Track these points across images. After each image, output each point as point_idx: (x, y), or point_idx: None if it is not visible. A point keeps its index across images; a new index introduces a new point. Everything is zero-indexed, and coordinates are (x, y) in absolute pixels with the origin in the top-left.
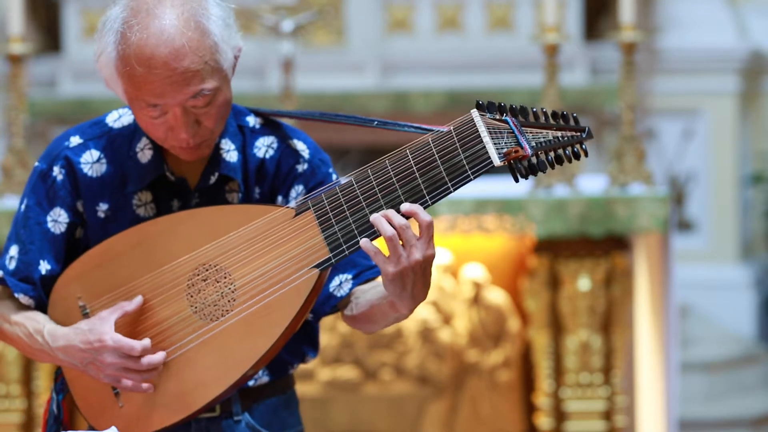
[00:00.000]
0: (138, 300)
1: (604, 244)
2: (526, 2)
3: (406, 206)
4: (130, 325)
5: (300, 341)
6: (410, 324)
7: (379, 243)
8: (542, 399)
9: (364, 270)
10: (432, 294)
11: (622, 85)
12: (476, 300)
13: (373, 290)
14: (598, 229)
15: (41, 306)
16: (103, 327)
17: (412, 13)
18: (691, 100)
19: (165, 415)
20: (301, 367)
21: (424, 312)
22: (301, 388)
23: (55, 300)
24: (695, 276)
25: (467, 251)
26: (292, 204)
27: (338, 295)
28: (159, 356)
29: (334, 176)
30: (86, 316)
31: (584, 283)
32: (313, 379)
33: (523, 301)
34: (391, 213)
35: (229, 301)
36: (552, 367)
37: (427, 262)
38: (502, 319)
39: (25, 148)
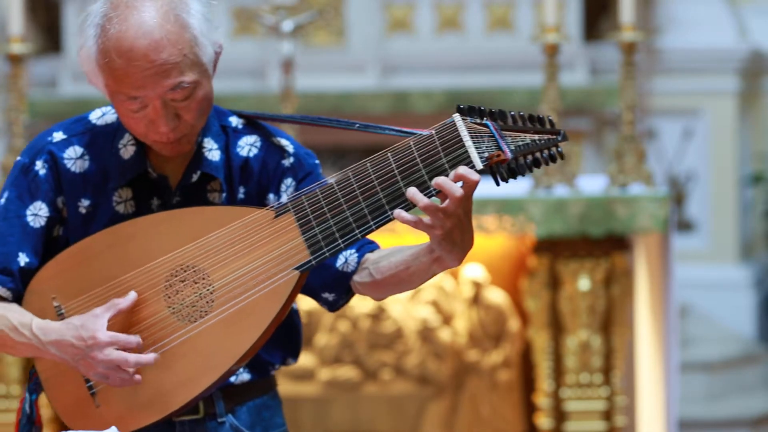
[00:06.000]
0: (132, 296)
1: (604, 244)
2: (526, 2)
3: (461, 170)
4: (110, 326)
5: (281, 345)
6: (410, 324)
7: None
8: (542, 399)
9: (365, 244)
10: (432, 294)
11: (622, 85)
12: (476, 300)
13: (397, 253)
14: (598, 229)
15: (18, 300)
16: (96, 324)
17: (412, 13)
18: (691, 100)
19: (142, 416)
20: (301, 367)
21: (424, 312)
22: (301, 388)
23: (30, 299)
24: (695, 276)
25: None
26: (276, 204)
27: (349, 270)
28: (150, 357)
29: (320, 168)
30: (61, 317)
31: (584, 283)
32: (313, 379)
33: (523, 301)
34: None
35: (207, 302)
36: (552, 367)
37: (467, 213)
38: (502, 319)
39: None
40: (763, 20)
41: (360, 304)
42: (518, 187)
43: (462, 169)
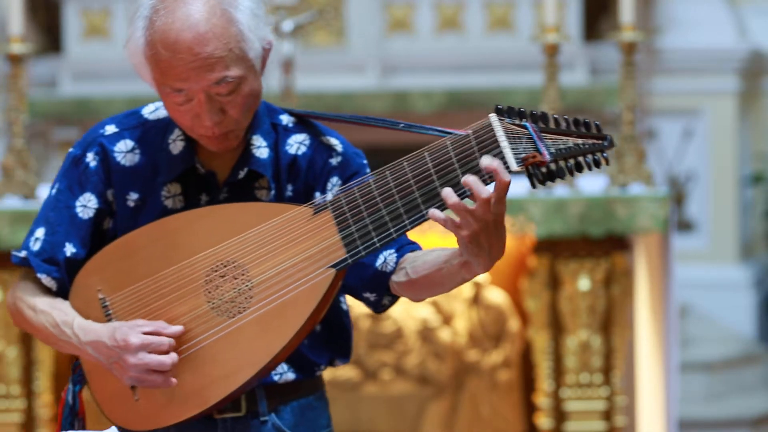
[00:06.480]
0: (177, 329)
1: (604, 244)
2: (526, 2)
3: (486, 161)
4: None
5: (328, 346)
6: (410, 324)
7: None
8: (542, 399)
9: (405, 244)
10: None
11: (622, 85)
12: (476, 300)
13: (433, 254)
14: (598, 229)
15: (63, 290)
16: (132, 329)
17: (412, 13)
18: (691, 100)
19: (180, 410)
20: None
21: (424, 312)
22: None
23: (76, 292)
24: (695, 276)
25: None
26: (315, 201)
27: (388, 270)
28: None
29: (367, 168)
30: (105, 308)
31: (584, 283)
32: None
33: (523, 301)
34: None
35: (246, 298)
36: (552, 367)
37: (498, 218)
38: (502, 319)
39: (25, 148)
40: (763, 20)
41: (360, 304)
42: (518, 187)
43: (495, 163)
